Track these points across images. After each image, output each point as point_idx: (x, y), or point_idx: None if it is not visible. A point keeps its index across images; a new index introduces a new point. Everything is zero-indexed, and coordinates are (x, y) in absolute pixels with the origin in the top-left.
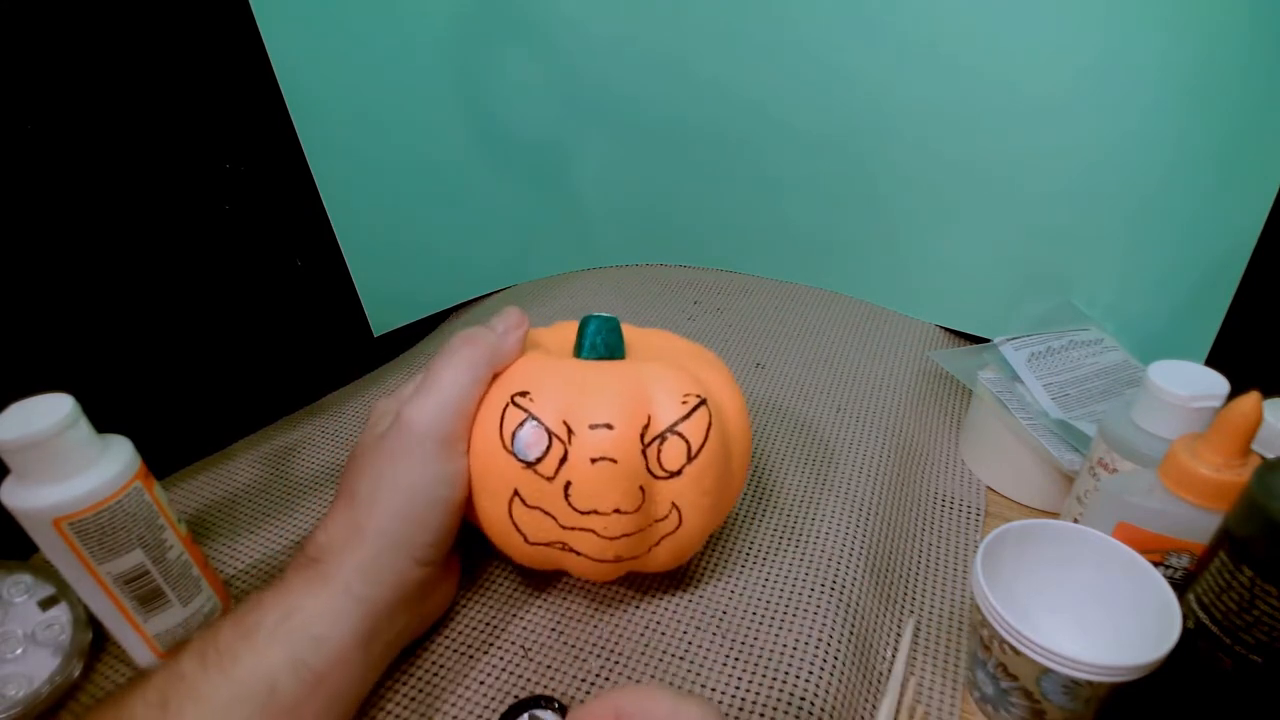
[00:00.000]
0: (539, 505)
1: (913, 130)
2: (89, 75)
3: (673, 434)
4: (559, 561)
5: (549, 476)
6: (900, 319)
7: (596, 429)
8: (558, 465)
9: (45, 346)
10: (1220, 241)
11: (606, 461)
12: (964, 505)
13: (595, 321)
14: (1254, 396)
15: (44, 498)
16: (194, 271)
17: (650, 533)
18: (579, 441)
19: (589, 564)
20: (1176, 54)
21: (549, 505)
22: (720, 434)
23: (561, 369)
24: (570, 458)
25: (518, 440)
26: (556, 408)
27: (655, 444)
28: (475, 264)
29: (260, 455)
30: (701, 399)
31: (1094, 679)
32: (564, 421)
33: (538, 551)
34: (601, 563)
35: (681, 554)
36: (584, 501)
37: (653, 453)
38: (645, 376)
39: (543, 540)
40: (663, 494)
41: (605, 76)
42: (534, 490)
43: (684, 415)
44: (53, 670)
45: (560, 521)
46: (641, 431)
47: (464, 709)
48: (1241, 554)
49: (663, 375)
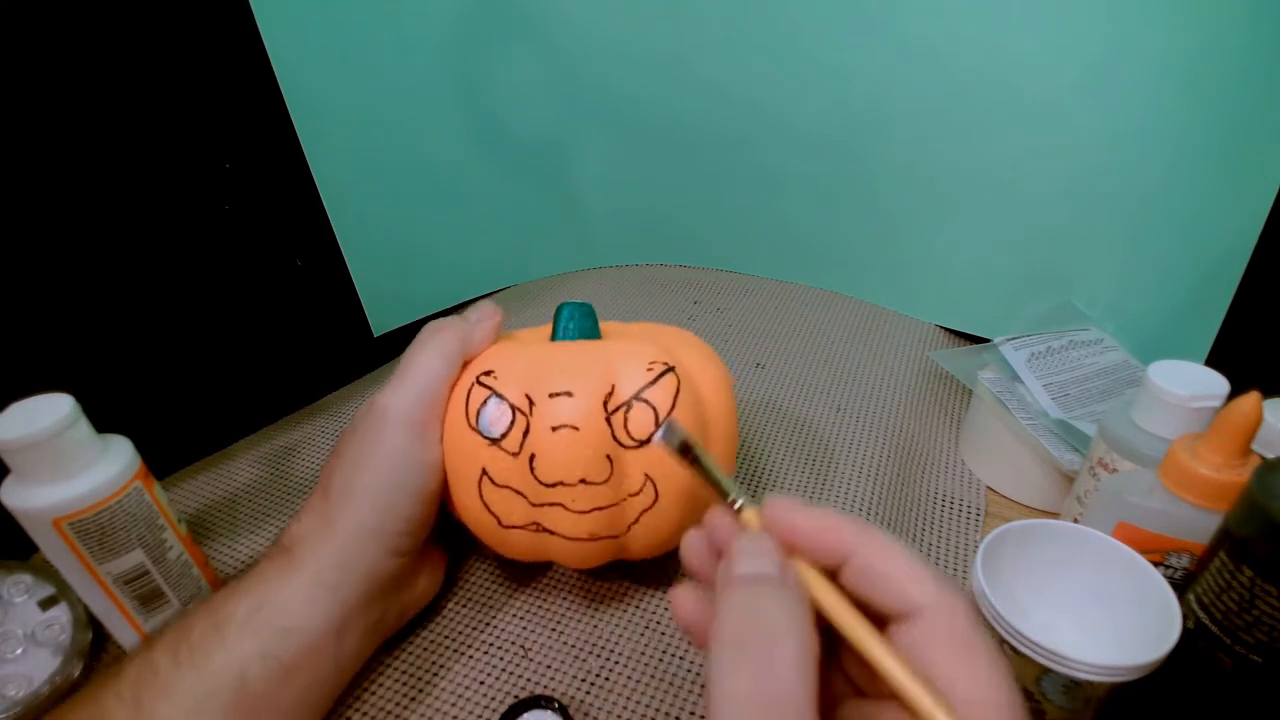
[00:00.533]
0: (508, 484)
1: (913, 130)
2: (89, 75)
3: (638, 401)
4: (541, 547)
5: (514, 452)
6: (900, 319)
7: (556, 397)
8: (521, 439)
9: (45, 346)
10: (1220, 241)
11: (567, 429)
12: (964, 505)
13: (569, 307)
14: (1254, 396)
15: (44, 498)
16: (194, 271)
17: (625, 508)
18: (539, 411)
19: (568, 545)
20: (1176, 53)
21: (517, 482)
22: (693, 404)
23: (530, 351)
24: (532, 429)
25: (482, 417)
26: (519, 383)
27: (621, 411)
28: (475, 264)
29: (260, 455)
30: (669, 366)
31: (1094, 679)
32: (525, 394)
33: (516, 537)
34: (578, 541)
35: (663, 535)
36: (549, 473)
37: (618, 420)
38: (610, 350)
39: (516, 522)
40: (634, 465)
41: (605, 76)
42: (501, 468)
43: (649, 382)
44: (53, 670)
45: (530, 499)
46: (605, 399)
47: (463, 709)
48: (1241, 554)
49: (628, 348)
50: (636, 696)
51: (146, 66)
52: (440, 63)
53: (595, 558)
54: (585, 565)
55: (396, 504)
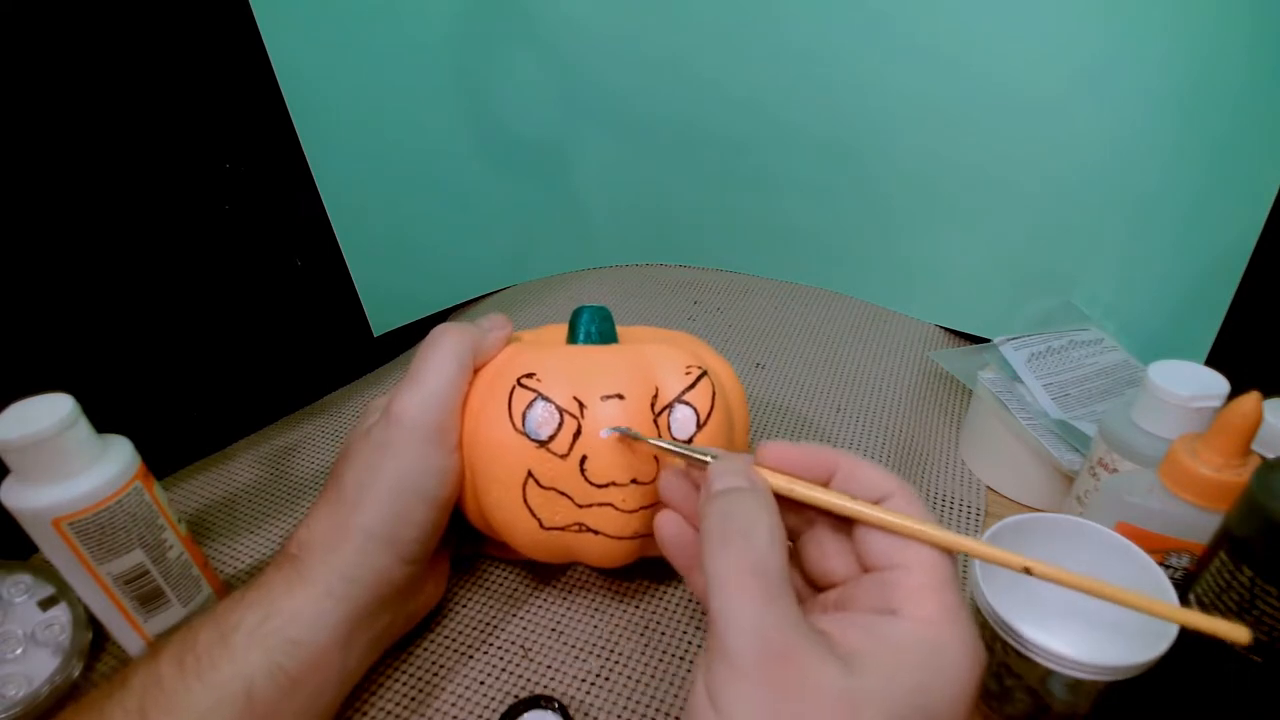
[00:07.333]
0: (554, 485)
1: (913, 130)
2: (89, 75)
3: (681, 403)
4: (572, 547)
5: (563, 454)
6: (900, 319)
7: (609, 399)
8: (571, 441)
9: (45, 346)
10: (1220, 241)
11: (621, 432)
12: (964, 505)
13: (588, 311)
14: (1254, 396)
15: (44, 498)
16: (194, 271)
17: None
18: (591, 414)
19: (606, 544)
20: (1176, 53)
21: (565, 485)
22: (724, 404)
23: (561, 353)
24: (584, 431)
25: (529, 420)
26: (565, 386)
27: (665, 413)
28: (475, 264)
29: (260, 455)
30: (703, 370)
31: (1095, 679)
32: (574, 397)
33: (552, 538)
34: (621, 540)
35: None
36: (601, 474)
37: (663, 422)
38: (646, 353)
39: (559, 524)
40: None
41: (605, 76)
42: (548, 470)
43: (689, 385)
44: (53, 670)
45: (577, 500)
46: (651, 401)
47: (464, 709)
48: (1241, 554)
49: (662, 351)
50: (636, 696)
51: (147, 66)
52: (440, 63)
53: (627, 557)
54: (615, 565)
55: (411, 511)
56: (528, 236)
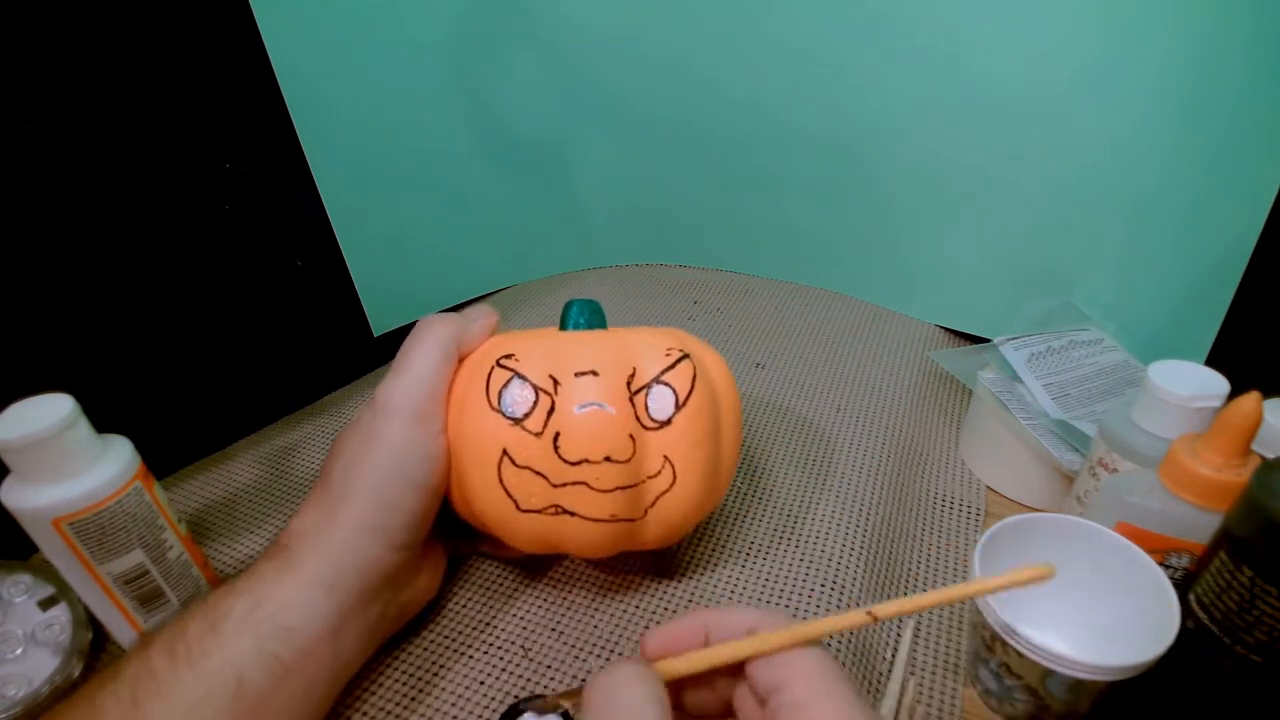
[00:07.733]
0: (529, 465)
1: (913, 130)
2: (89, 75)
3: (659, 383)
4: (555, 536)
5: (537, 432)
6: (900, 319)
7: (582, 376)
8: (545, 418)
9: (45, 346)
10: (1220, 241)
11: (594, 407)
12: (964, 505)
13: (578, 303)
14: (1254, 396)
15: (44, 498)
16: (194, 271)
17: (644, 490)
18: (565, 391)
19: (585, 528)
20: (1177, 53)
21: (539, 464)
22: (707, 390)
23: (545, 337)
24: (557, 408)
25: (505, 398)
26: (541, 365)
27: (642, 393)
28: (475, 264)
29: (260, 455)
30: (685, 353)
31: (1096, 679)
32: (550, 375)
33: (531, 523)
34: (598, 523)
35: (677, 520)
36: (574, 451)
37: (640, 401)
38: (628, 337)
39: (535, 505)
40: (654, 447)
41: (605, 76)
42: (523, 448)
43: (668, 366)
44: (53, 670)
45: (551, 480)
46: (628, 380)
47: (463, 709)
48: (1241, 554)
49: (645, 335)
50: None
51: (147, 67)
52: (440, 63)
53: (609, 545)
54: (597, 554)
55: (398, 498)
56: (528, 236)
